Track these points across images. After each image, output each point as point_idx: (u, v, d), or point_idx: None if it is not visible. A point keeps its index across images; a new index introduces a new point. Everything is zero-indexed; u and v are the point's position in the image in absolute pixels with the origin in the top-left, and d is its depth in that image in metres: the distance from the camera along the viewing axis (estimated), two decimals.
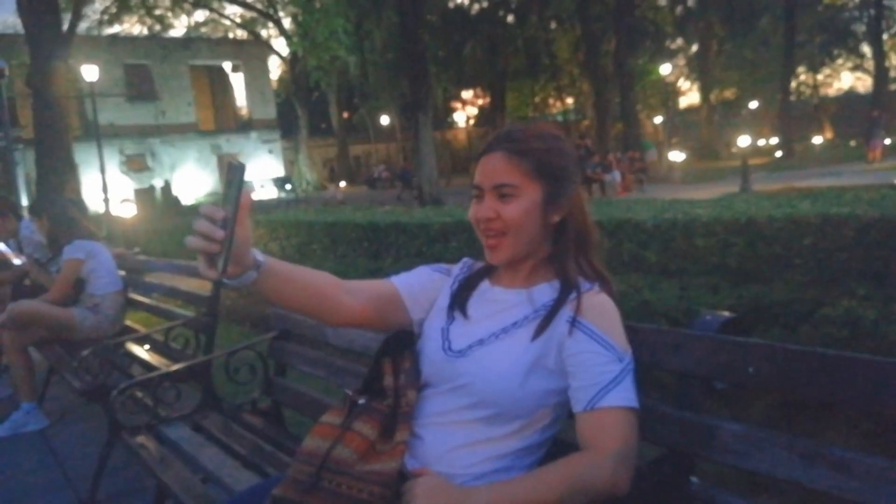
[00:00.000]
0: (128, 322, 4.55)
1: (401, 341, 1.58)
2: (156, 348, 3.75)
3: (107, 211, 17.44)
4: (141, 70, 34.30)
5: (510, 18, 39.15)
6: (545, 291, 1.47)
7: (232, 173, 1.21)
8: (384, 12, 30.05)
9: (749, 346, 1.37)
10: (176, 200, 29.30)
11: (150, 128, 34.29)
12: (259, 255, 1.35)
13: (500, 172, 1.43)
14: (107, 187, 17.24)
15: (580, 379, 1.35)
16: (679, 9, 37.97)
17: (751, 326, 3.61)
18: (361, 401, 1.48)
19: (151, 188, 31.67)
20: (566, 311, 1.41)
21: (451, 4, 40.41)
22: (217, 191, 35.42)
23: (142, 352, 3.76)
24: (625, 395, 1.32)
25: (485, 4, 38.93)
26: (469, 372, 1.42)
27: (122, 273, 4.55)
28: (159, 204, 29.14)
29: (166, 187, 31.25)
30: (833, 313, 3.21)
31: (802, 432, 2.74)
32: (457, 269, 1.66)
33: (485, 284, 1.58)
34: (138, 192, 30.98)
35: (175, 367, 2.93)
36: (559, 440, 1.48)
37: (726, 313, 1.53)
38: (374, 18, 32.09)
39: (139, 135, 33.78)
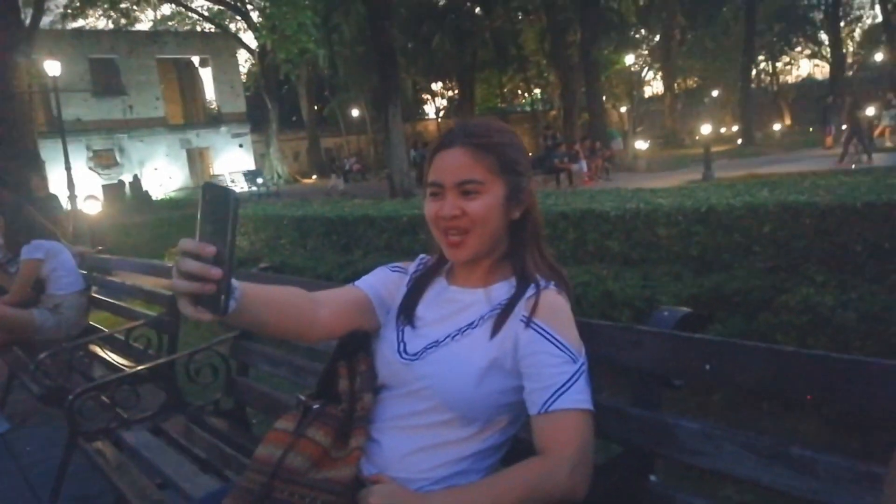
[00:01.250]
0: (91, 322, 4.48)
1: (356, 343, 1.54)
2: (118, 349, 3.69)
3: (73, 208, 17.15)
4: (107, 64, 33.73)
5: (477, 10, 39.06)
6: (503, 290, 1.45)
7: (218, 199, 1.07)
8: (352, 5, 29.81)
9: (705, 342, 1.38)
10: (146, 196, 28.95)
11: (117, 123, 33.74)
12: (233, 281, 1.23)
13: (464, 168, 1.39)
14: (73, 184, 16.96)
15: (534, 381, 1.33)
16: None
17: (711, 315, 3.64)
18: (315, 406, 1.44)
19: (121, 183, 31.20)
20: (521, 310, 1.38)
21: None
22: (187, 184, 35.02)
23: (103, 353, 3.70)
24: (579, 396, 1.30)
25: None
26: (425, 375, 1.40)
27: (84, 272, 4.48)
28: (129, 199, 28.76)
29: (135, 182, 30.82)
30: (792, 301, 3.24)
31: (764, 429, 2.78)
32: (412, 267, 1.62)
33: (441, 283, 1.55)
34: (107, 188, 30.54)
35: (135, 368, 2.89)
36: (519, 439, 1.46)
37: (684, 308, 1.53)
38: (342, 11, 31.85)
39: (107, 130, 33.23)
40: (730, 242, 4.20)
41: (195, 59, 38.48)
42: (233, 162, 36.73)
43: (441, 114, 50.13)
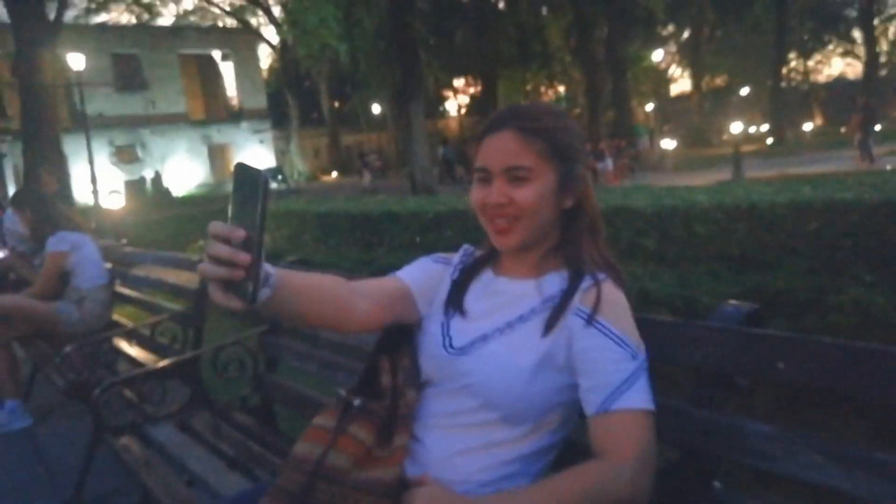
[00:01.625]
0: (115, 316, 4.43)
1: (398, 336, 1.46)
2: (142, 343, 3.63)
3: (96, 203, 17.25)
4: (130, 59, 33.92)
5: (501, 5, 38.92)
6: (554, 282, 1.36)
7: (249, 181, 1.02)
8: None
9: (779, 339, 1.26)
10: (167, 191, 29.14)
11: (140, 118, 33.91)
12: (268, 267, 1.17)
13: (512, 153, 1.30)
14: (96, 179, 17.04)
15: (592, 378, 1.23)
16: None
17: None
18: (357, 402, 1.36)
19: (142, 179, 31.42)
20: (576, 304, 1.29)
21: None
22: (208, 181, 35.17)
23: (128, 347, 3.64)
24: (641, 395, 1.21)
25: None
26: (473, 371, 1.31)
27: (109, 266, 4.43)
28: (150, 195, 28.97)
29: (157, 178, 31.05)
30: (841, 301, 3.12)
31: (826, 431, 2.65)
32: (457, 257, 1.53)
33: (488, 274, 1.46)
34: (128, 184, 30.78)
35: (161, 364, 2.82)
36: (571, 441, 1.37)
37: (748, 304, 1.42)
38: (363, 5, 31.87)
39: (129, 125, 33.41)
40: (772, 241, 4.10)
41: (216, 55, 38.59)
42: (253, 158, 36.80)
43: (463, 111, 50.02)
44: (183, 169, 34.94)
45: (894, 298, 3.01)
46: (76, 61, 18.32)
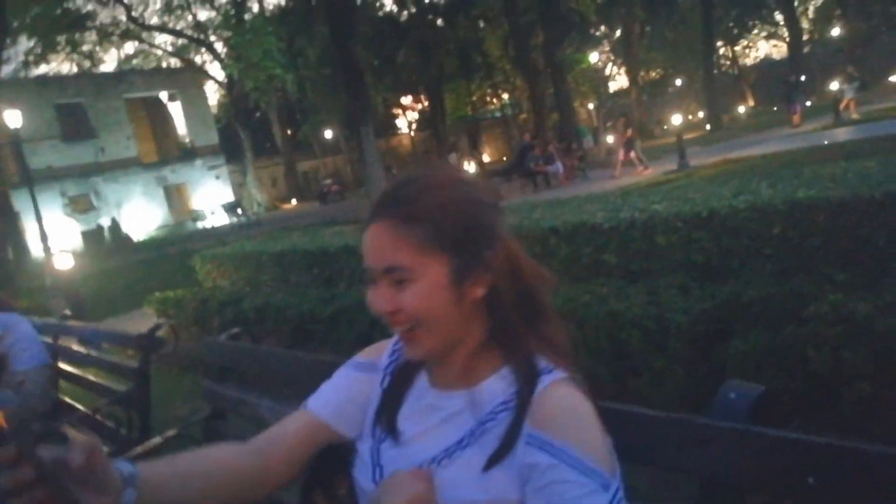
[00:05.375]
0: (61, 395, 4.15)
1: (331, 463, 1.23)
2: (87, 427, 3.36)
3: (47, 258, 16.75)
4: (74, 109, 33.35)
5: (439, 22, 39.32)
6: (493, 391, 1.08)
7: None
8: (315, 27, 29.96)
9: (807, 445, 0.97)
10: (126, 237, 28.63)
11: (90, 166, 33.37)
12: (124, 465, 0.96)
13: (387, 251, 1.05)
14: (46, 235, 16.52)
15: None
16: None
17: (728, 329, 3.37)
18: None
19: (99, 227, 30.83)
20: (528, 430, 1.01)
21: (380, 14, 40.52)
22: (167, 222, 34.72)
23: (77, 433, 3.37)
24: None
25: (413, 10, 39.03)
26: None
27: (49, 341, 4.16)
28: (108, 243, 28.42)
29: (114, 225, 30.50)
30: (821, 309, 2.96)
31: None
32: (385, 356, 1.26)
33: (422, 382, 1.19)
34: (86, 234, 30.20)
35: None
36: None
37: (753, 385, 1.12)
38: (305, 35, 31.93)
39: (80, 174, 32.84)
40: (737, 247, 3.94)
41: (163, 96, 38.17)
42: (211, 194, 36.44)
43: (413, 127, 50.33)
44: (140, 213, 34.44)
45: (877, 303, 2.85)
46: (13, 118, 17.80)
